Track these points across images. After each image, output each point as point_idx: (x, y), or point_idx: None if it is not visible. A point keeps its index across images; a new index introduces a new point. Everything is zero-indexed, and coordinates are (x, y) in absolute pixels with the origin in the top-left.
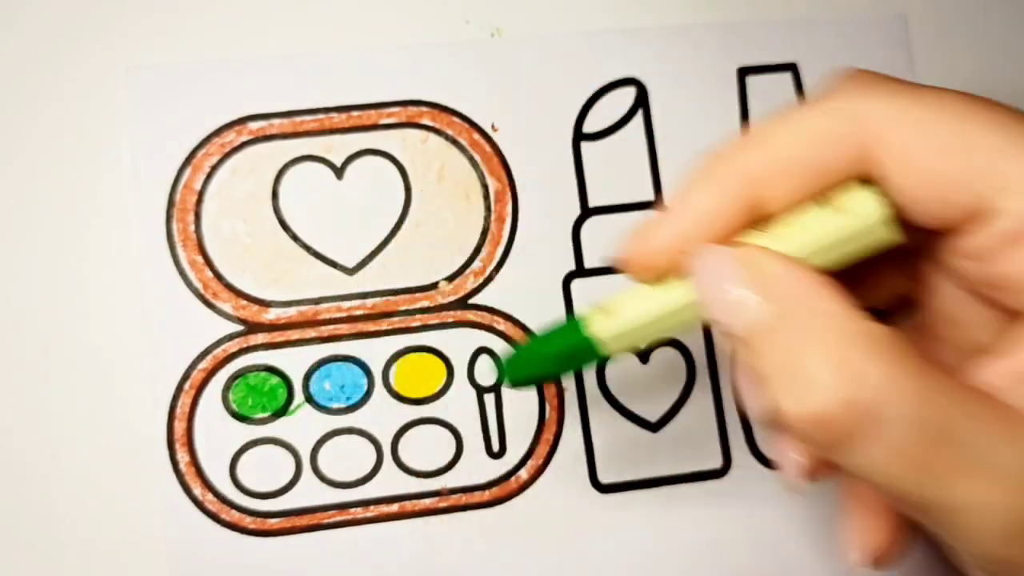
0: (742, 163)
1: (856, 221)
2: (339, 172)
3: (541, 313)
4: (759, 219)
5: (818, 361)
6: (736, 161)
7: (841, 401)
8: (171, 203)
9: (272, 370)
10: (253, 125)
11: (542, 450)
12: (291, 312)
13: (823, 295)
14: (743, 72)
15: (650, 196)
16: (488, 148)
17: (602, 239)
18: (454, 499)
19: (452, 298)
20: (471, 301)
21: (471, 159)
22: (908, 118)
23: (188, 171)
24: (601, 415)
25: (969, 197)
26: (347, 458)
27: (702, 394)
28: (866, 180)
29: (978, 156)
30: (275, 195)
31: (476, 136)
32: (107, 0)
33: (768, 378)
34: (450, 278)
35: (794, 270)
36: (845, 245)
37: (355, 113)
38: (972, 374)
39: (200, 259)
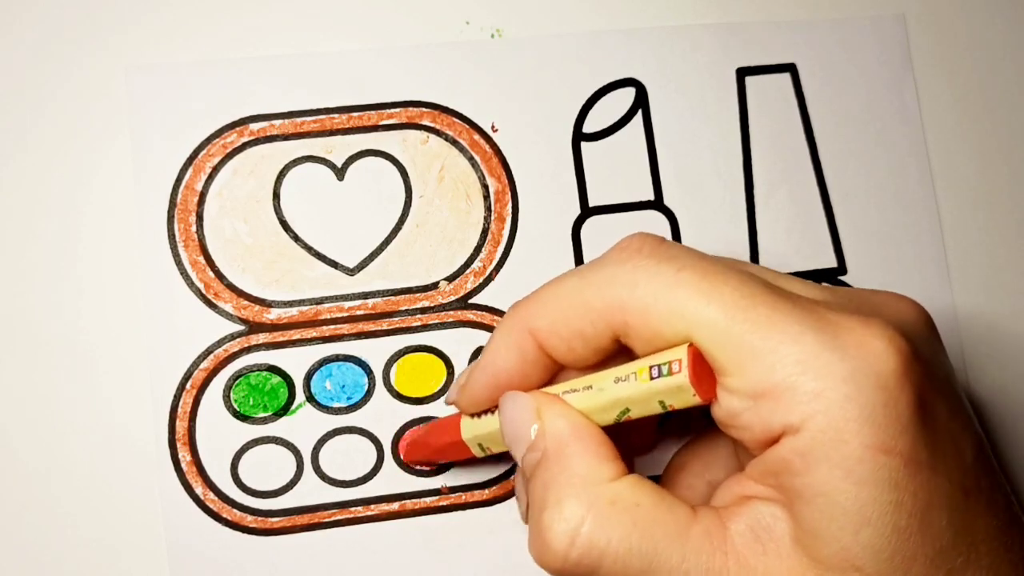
0: (527, 322)
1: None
2: (340, 173)
3: None
4: (557, 365)
5: (551, 519)
6: (523, 319)
7: (565, 560)
8: (173, 204)
9: (273, 370)
10: (254, 126)
11: None
12: (292, 312)
13: (580, 455)
14: (742, 72)
15: (650, 196)
16: (488, 148)
17: (602, 239)
18: (454, 497)
19: (452, 298)
20: (471, 301)
21: (471, 159)
22: (648, 306)
23: (190, 172)
24: None
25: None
26: (348, 457)
27: None
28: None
29: (705, 338)
30: (276, 196)
31: (476, 136)
32: (107, 0)
33: (523, 513)
34: (450, 278)
35: (570, 426)
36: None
37: (356, 114)
38: (718, 493)
39: (202, 259)
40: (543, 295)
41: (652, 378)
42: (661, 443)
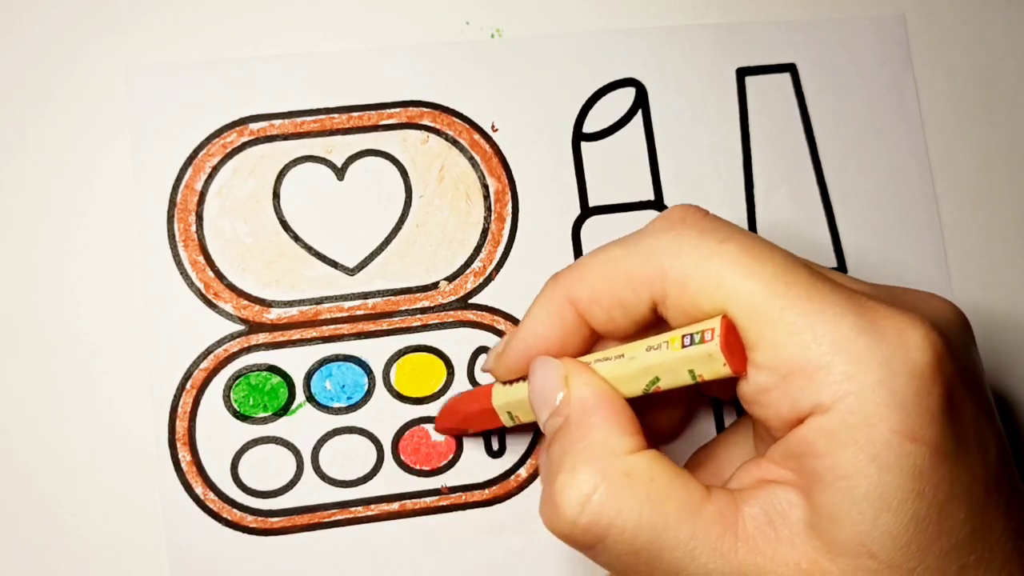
0: (567, 291)
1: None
2: (340, 172)
3: None
4: (595, 335)
5: (564, 484)
6: (563, 288)
7: (573, 525)
8: (172, 203)
9: (273, 370)
10: (254, 126)
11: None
12: (292, 312)
13: (601, 424)
14: (742, 72)
15: (650, 196)
16: (488, 148)
17: (602, 239)
18: (454, 498)
19: (452, 298)
20: (471, 301)
21: (471, 159)
22: (690, 276)
23: (189, 171)
24: None
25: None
26: (348, 457)
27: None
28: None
29: (737, 315)
30: (276, 195)
31: (476, 136)
32: (107, 0)
33: (543, 475)
34: (450, 278)
35: (595, 394)
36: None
37: (356, 114)
38: (736, 475)
39: (202, 259)
40: (585, 264)
41: (684, 346)
42: (685, 438)
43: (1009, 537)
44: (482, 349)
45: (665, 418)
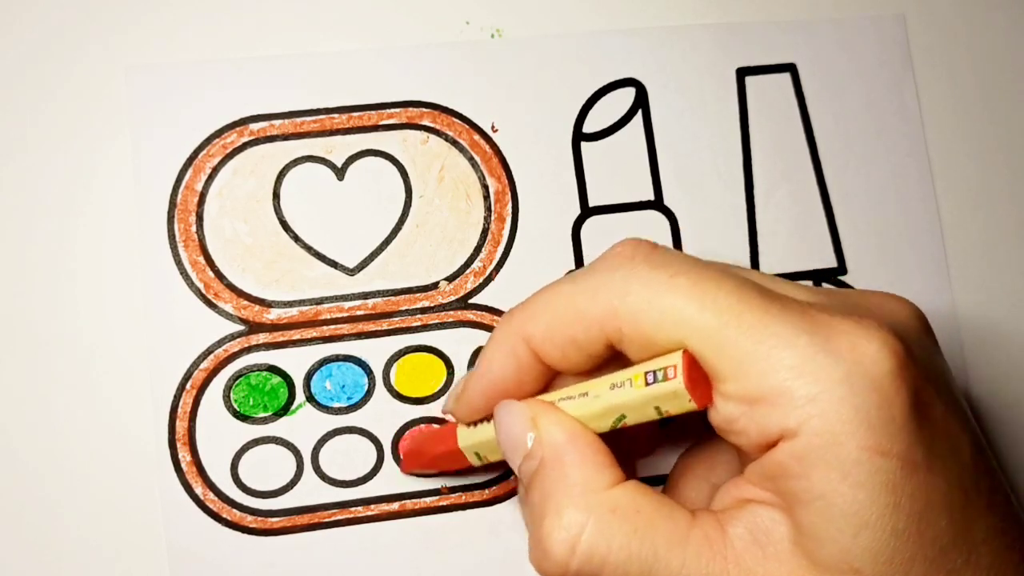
0: (520, 330)
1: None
2: (340, 173)
3: None
4: (552, 372)
5: (551, 528)
6: (516, 327)
7: (565, 569)
8: (173, 204)
9: (273, 370)
10: (254, 126)
11: None
12: (292, 312)
13: (577, 463)
14: (742, 72)
15: (650, 196)
16: (488, 148)
17: (602, 239)
18: (454, 498)
19: (452, 298)
20: (471, 301)
21: (471, 159)
22: (642, 313)
23: (190, 172)
24: None
25: None
26: (348, 457)
27: None
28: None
29: (697, 344)
30: (276, 196)
31: (476, 136)
32: (107, 0)
33: (527, 521)
34: (450, 278)
35: (566, 434)
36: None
37: (356, 114)
38: (717, 496)
39: (202, 259)
40: (536, 302)
41: (647, 384)
42: (666, 444)
43: (994, 535)
44: (480, 353)
45: (639, 440)
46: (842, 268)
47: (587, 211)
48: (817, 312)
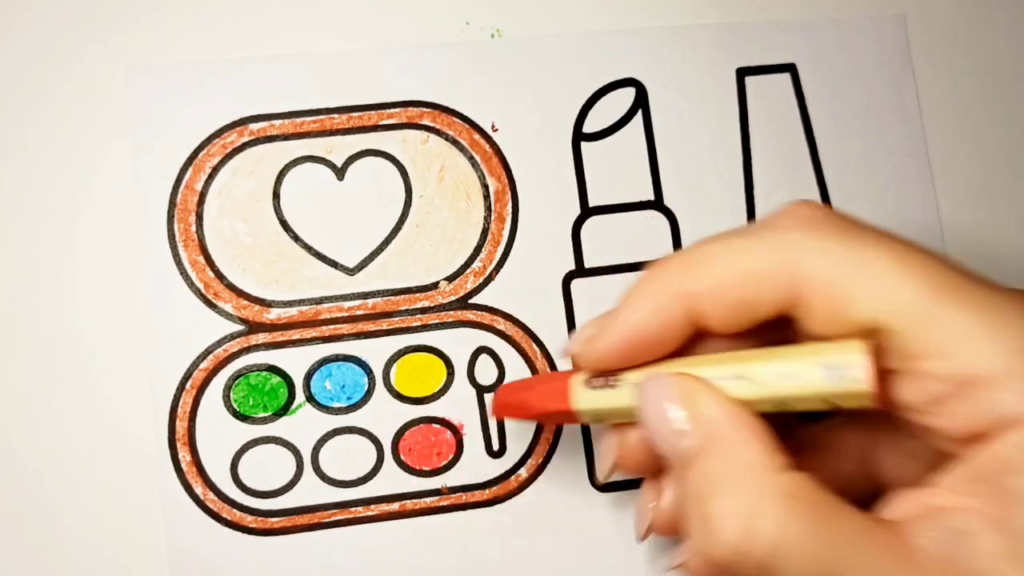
0: (679, 285)
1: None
2: (340, 173)
3: (541, 313)
4: (701, 332)
5: (722, 509)
6: (674, 281)
7: (737, 551)
8: (173, 203)
9: (273, 370)
10: (254, 126)
11: (541, 449)
12: (292, 312)
13: (745, 442)
14: (742, 73)
15: (650, 196)
16: (488, 148)
17: (602, 239)
18: (454, 498)
19: (452, 298)
20: (471, 301)
21: (471, 159)
22: (841, 276)
23: (189, 172)
24: None
25: (892, 359)
26: (348, 457)
27: None
28: (867, 334)
29: (900, 321)
30: (276, 195)
31: (476, 136)
32: (107, 0)
33: (685, 507)
34: (450, 278)
35: (726, 413)
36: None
37: (356, 114)
38: (891, 503)
39: (201, 259)
40: (700, 256)
41: (825, 378)
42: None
43: None
44: (482, 349)
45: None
46: None
47: (587, 211)
48: None
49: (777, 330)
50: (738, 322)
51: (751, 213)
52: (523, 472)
